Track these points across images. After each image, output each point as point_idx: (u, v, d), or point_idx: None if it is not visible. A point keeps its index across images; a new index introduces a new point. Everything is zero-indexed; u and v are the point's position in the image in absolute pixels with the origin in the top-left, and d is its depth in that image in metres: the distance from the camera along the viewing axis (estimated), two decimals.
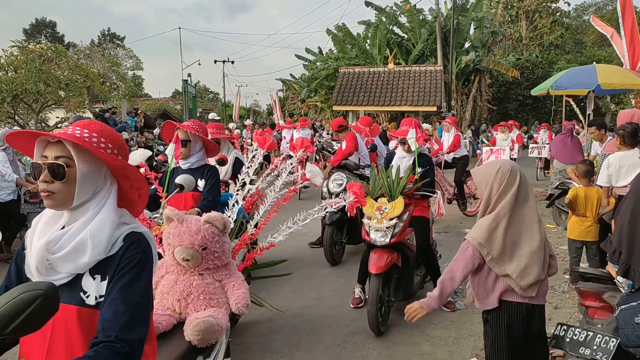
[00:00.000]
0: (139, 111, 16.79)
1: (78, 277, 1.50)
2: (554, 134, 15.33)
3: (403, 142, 5.01)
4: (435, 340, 4.09)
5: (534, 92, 10.18)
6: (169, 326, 2.43)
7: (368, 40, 26.35)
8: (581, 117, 11.02)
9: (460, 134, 9.43)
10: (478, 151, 13.26)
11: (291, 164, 3.23)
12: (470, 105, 25.74)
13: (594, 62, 10.10)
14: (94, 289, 1.49)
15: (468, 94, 26.13)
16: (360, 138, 6.65)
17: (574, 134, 8.68)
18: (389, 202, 4.23)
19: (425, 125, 14.72)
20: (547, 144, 13.60)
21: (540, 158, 13.79)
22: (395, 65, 22.54)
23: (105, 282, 1.48)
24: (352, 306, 4.73)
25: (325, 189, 6.24)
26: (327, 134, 18.83)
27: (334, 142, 12.76)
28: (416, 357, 3.82)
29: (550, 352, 3.58)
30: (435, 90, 20.60)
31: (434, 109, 20.51)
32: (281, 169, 3.35)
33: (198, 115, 26.50)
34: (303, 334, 4.21)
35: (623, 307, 2.32)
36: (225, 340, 2.59)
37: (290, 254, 6.21)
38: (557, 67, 28.56)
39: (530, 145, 14.28)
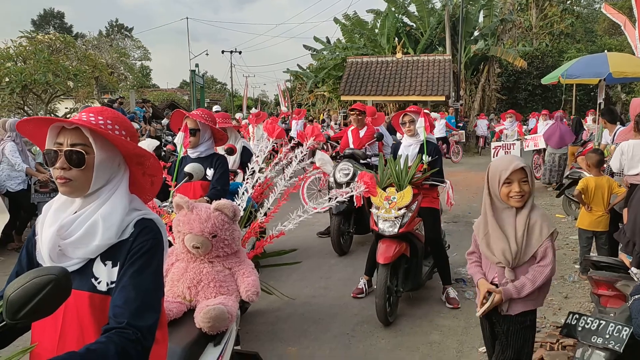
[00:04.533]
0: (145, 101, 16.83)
1: (89, 264, 1.49)
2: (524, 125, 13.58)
3: (403, 122, 4.69)
4: (445, 329, 4.08)
5: (544, 81, 10.06)
6: (180, 313, 2.44)
7: (376, 30, 26.15)
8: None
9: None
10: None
11: (301, 152, 3.21)
12: (479, 95, 25.49)
13: (605, 51, 9.94)
14: (105, 275, 1.48)
15: (477, 84, 25.87)
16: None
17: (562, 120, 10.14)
18: (397, 191, 4.20)
19: (433, 115, 14.65)
20: (518, 139, 11.75)
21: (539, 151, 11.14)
22: (403, 55, 22.36)
23: (116, 269, 1.48)
24: (352, 295, 4.73)
25: (332, 179, 6.21)
26: (335, 124, 18.79)
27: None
28: (425, 346, 3.82)
29: (560, 340, 3.57)
30: (444, 80, 20.44)
31: (443, 98, 20.37)
32: (291, 158, 3.34)
33: (206, 105, 26.54)
34: (311, 323, 4.22)
35: (636, 296, 2.29)
36: (236, 328, 2.60)
37: (299, 243, 6.21)
38: (567, 56, 28.16)
39: (524, 138, 11.61)
